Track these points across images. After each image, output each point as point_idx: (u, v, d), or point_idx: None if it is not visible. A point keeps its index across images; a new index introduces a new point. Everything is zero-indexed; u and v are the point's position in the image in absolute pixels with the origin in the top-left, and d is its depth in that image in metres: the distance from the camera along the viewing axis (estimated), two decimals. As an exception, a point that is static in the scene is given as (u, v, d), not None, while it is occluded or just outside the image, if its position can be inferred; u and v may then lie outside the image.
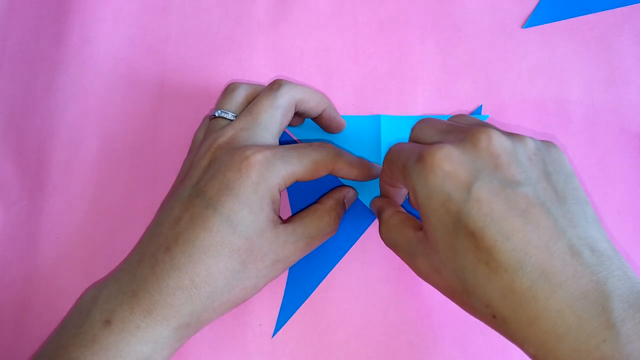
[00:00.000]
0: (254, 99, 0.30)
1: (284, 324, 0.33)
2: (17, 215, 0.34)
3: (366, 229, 0.34)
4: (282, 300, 0.33)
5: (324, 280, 0.33)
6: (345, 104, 0.36)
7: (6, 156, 0.35)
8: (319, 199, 0.32)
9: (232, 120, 0.30)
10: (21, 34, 0.38)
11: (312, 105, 0.31)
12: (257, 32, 0.38)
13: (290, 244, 0.28)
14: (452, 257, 0.23)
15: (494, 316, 0.23)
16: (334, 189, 0.33)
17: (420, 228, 0.27)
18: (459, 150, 0.24)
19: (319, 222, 0.30)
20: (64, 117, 0.36)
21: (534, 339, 0.21)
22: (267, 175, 0.27)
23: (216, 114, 0.31)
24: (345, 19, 0.38)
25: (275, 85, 0.30)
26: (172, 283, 0.25)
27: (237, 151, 0.27)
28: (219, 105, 0.31)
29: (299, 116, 0.33)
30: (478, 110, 0.36)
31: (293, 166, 0.28)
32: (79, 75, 0.37)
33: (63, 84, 0.37)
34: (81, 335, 0.25)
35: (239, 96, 0.31)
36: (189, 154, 0.32)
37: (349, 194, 0.33)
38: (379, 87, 0.37)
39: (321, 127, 0.34)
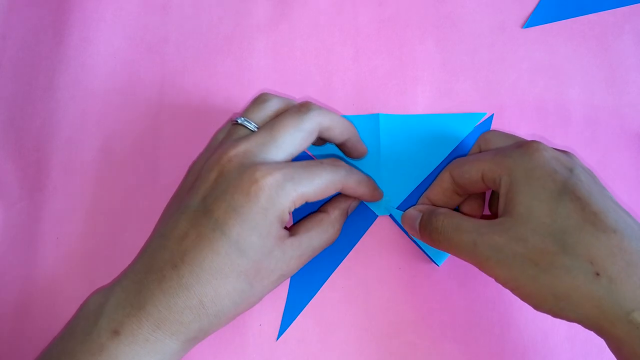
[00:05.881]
0: (280, 115, 0.30)
1: (287, 326, 0.33)
2: (17, 215, 0.34)
3: (367, 230, 0.34)
4: (285, 304, 0.33)
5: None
6: (345, 104, 0.36)
7: (6, 156, 0.35)
8: (323, 205, 0.32)
9: (253, 131, 0.29)
10: (21, 34, 0.38)
11: (336, 134, 0.30)
12: (257, 32, 0.38)
13: (296, 259, 0.29)
14: (550, 221, 0.25)
15: (597, 274, 0.23)
16: (338, 196, 0.32)
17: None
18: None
19: (323, 235, 0.30)
20: (64, 117, 0.36)
21: None
22: (277, 200, 0.26)
23: (239, 121, 0.30)
24: (345, 19, 0.38)
25: (304, 108, 0.29)
26: (180, 302, 0.26)
27: (246, 170, 0.27)
28: (246, 112, 0.30)
29: (321, 140, 0.32)
30: (489, 119, 0.36)
31: (303, 187, 0.27)
32: (79, 75, 0.37)
33: (63, 84, 0.37)
34: (88, 343, 0.25)
35: (268, 110, 0.30)
36: (204, 152, 0.31)
37: (353, 202, 0.33)
38: (379, 87, 0.37)
39: (341, 151, 0.33)
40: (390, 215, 0.34)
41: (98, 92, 0.37)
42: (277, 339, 0.32)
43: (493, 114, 0.36)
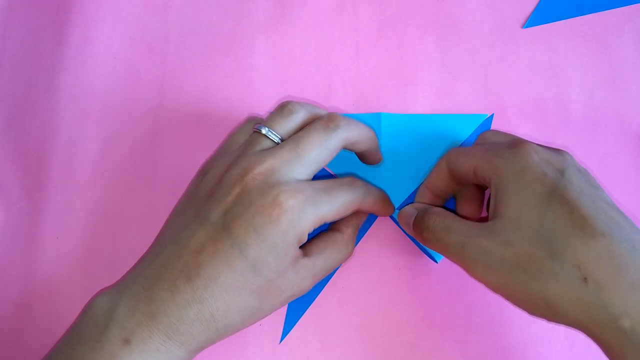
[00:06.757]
0: (306, 126, 0.29)
1: (291, 329, 0.33)
2: (17, 215, 0.34)
3: (367, 230, 0.34)
4: (287, 307, 0.33)
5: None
6: (345, 103, 0.36)
7: (6, 156, 0.35)
8: (336, 223, 0.32)
9: (276, 143, 0.29)
10: (21, 34, 0.38)
11: (360, 146, 0.30)
12: (257, 32, 0.38)
13: (309, 279, 0.29)
14: (538, 227, 0.25)
15: (585, 279, 0.23)
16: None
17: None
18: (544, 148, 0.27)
19: (338, 255, 0.30)
20: (64, 117, 0.36)
21: (635, 305, 0.22)
22: (297, 223, 0.26)
23: (262, 131, 0.29)
24: (345, 19, 0.38)
25: (332, 124, 0.28)
26: (192, 314, 0.26)
27: (270, 191, 0.26)
28: (270, 122, 0.29)
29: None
30: (489, 119, 0.36)
31: (323, 210, 0.27)
32: (79, 75, 0.37)
33: (63, 84, 0.37)
34: (98, 350, 0.25)
35: (294, 122, 0.29)
36: (219, 155, 0.31)
37: (364, 217, 0.33)
38: (379, 87, 0.37)
39: (357, 156, 0.33)
40: (390, 216, 0.34)
41: (98, 92, 0.37)
42: (280, 342, 0.32)
43: (493, 114, 0.36)
